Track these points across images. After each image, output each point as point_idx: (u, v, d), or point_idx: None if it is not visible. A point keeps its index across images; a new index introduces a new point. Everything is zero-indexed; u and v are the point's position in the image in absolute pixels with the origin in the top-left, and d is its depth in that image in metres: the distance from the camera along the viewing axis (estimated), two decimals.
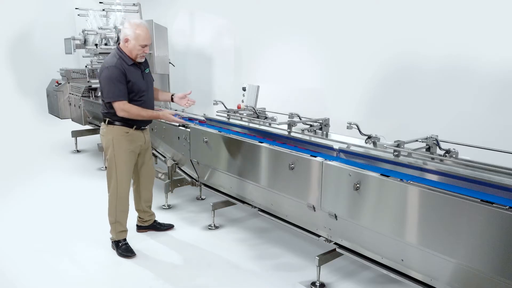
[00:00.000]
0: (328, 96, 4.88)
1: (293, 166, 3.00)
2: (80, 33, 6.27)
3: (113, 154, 3.38)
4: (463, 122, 3.60)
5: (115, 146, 3.36)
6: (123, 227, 3.52)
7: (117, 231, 3.49)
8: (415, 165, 2.50)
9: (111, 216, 3.48)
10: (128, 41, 3.23)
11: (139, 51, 3.27)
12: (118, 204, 3.45)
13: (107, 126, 3.37)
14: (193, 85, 7.16)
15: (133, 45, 3.23)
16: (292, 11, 5.15)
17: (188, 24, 7.14)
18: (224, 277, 3.19)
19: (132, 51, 3.26)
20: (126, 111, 3.23)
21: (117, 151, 3.37)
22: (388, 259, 2.62)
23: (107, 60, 3.27)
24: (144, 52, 3.30)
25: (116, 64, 3.20)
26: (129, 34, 3.22)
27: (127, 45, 3.25)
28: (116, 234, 3.50)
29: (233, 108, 4.20)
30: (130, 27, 3.24)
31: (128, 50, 3.27)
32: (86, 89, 6.62)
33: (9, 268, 3.33)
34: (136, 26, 3.23)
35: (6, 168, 6.19)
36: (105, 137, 3.41)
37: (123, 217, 3.51)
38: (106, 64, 3.23)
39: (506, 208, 1.97)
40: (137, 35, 3.21)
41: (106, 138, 3.39)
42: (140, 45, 3.24)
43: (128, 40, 3.23)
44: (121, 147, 3.38)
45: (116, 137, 3.36)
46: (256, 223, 4.14)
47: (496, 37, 3.38)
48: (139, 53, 3.28)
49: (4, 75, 8.61)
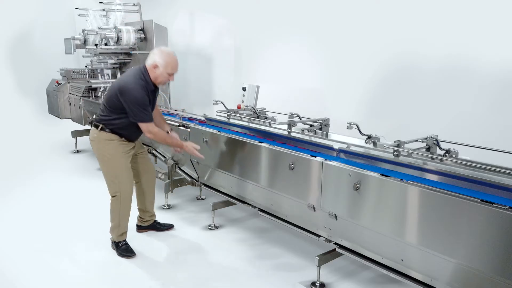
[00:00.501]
0: (328, 96, 4.88)
1: (293, 166, 3.00)
2: (80, 33, 6.27)
3: (109, 158, 3.37)
4: (463, 122, 3.60)
5: (110, 151, 3.36)
6: (124, 229, 3.52)
7: (118, 234, 3.49)
8: (415, 165, 2.50)
9: (113, 221, 3.48)
10: (157, 67, 3.28)
11: (165, 78, 3.34)
12: (122, 208, 3.45)
13: (99, 131, 3.36)
14: (193, 85, 7.17)
15: (161, 72, 3.29)
16: (292, 11, 5.15)
17: (188, 24, 7.13)
18: (224, 277, 3.18)
19: (158, 77, 3.32)
20: (153, 134, 3.31)
21: (113, 155, 3.37)
22: (388, 259, 2.62)
23: (131, 80, 3.24)
24: (169, 79, 3.39)
25: (142, 86, 3.24)
26: (159, 61, 3.27)
27: (155, 71, 3.30)
28: (117, 237, 3.50)
29: (233, 108, 4.20)
30: (161, 54, 3.29)
31: (154, 75, 3.31)
32: (86, 89, 6.62)
33: (9, 268, 3.33)
34: (167, 54, 3.30)
35: (6, 168, 6.19)
36: (96, 142, 3.40)
37: (125, 220, 3.51)
38: (131, 84, 3.21)
39: (506, 208, 1.97)
40: (167, 63, 3.28)
41: (98, 144, 3.39)
42: (168, 73, 3.32)
43: (157, 66, 3.28)
44: (117, 150, 3.38)
45: (110, 141, 3.36)
46: (256, 223, 4.14)
47: (496, 37, 3.38)
48: (165, 80, 3.36)
49: (4, 75, 8.62)
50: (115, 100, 3.27)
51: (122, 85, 3.24)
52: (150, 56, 3.34)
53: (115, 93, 3.25)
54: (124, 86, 3.23)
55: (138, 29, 5.90)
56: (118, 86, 3.26)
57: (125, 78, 3.31)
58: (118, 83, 3.33)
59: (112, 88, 3.34)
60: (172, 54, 3.34)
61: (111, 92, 3.32)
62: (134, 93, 3.18)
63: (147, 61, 3.33)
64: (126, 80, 3.27)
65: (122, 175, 3.40)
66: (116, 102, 3.26)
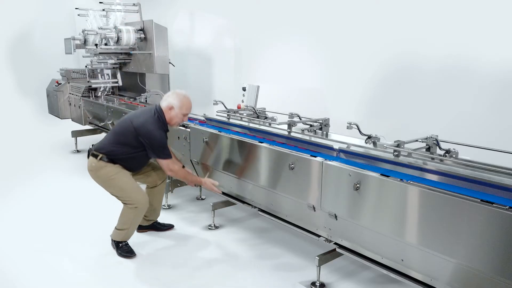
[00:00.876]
0: (328, 96, 4.88)
1: (293, 166, 3.00)
2: (80, 33, 6.27)
3: (114, 176, 3.37)
4: (463, 122, 3.60)
5: (112, 170, 3.37)
6: (131, 235, 3.53)
7: (122, 236, 3.48)
8: (415, 165, 2.50)
9: (123, 226, 3.45)
10: (172, 108, 3.40)
11: (180, 119, 3.46)
12: (136, 218, 3.45)
13: (98, 161, 3.37)
14: (193, 85, 7.17)
15: (176, 113, 3.41)
16: (292, 11, 5.16)
17: (188, 24, 7.14)
18: (224, 277, 3.18)
19: (173, 118, 3.43)
20: (174, 172, 3.43)
21: (117, 172, 3.38)
22: (388, 259, 2.62)
23: (150, 120, 3.33)
24: (184, 120, 3.52)
25: (160, 126, 3.37)
26: (174, 103, 3.40)
27: (170, 112, 3.41)
28: (122, 238, 3.49)
29: (233, 108, 4.20)
30: (176, 96, 3.42)
31: (169, 116, 3.42)
32: (86, 89, 6.62)
33: (9, 268, 3.33)
34: (182, 96, 3.44)
35: (6, 168, 6.19)
36: (95, 171, 3.40)
37: (134, 228, 3.53)
38: (152, 125, 3.32)
39: (506, 208, 1.97)
40: (182, 103, 3.41)
41: (98, 171, 3.39)
42: (183, 113, 3.44)
43: (172, 108, 3.40)
44: (119, 169, 3.41)
45: (111, 164, 3.38)
46: (256, 223, 4.14)
47: (496, 37, 3.38)
48: (179, 121, 3.48)
49: (4, 75, 8.62)
50: (130, 137, 3.35)
51: (141, 125, 3.32)
52: (165, 98, 3.46)
53: (131, 131, 3.34)
54: (144, 126, 3.32)
55: (138, 29, 5.90)
56: (138, 125, 3.33)
57: (142, 118, 3.37)
58: (135, 121, 3.37)
59: (126, 124, 3.41)
60: (187, 96, 3.48)
61: (124, 128, 3.40)
62: (156, 134, 3.31)
63: (162, 103, 3.44)
64: (145, 120, 3.35)
65: (133, 187, 3.41)
66: (131, 139, 3.35)
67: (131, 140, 3.36)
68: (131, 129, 3.34)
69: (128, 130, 3.36)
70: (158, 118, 3.38)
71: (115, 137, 3.43)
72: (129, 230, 3.48)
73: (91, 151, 3.47)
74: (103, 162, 3.37)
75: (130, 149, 3.38)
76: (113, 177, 3.37)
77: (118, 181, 3.38)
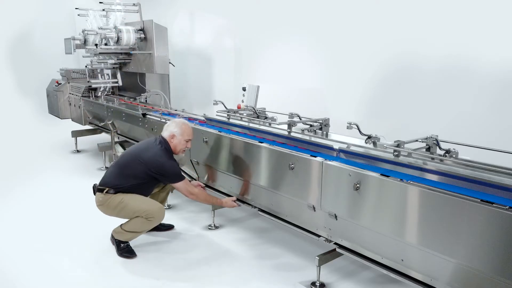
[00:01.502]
0: (328, 96, 4.88)
1: (293, 166, 3.00)
2: (80, 33, 6.27)
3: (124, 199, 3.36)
4: (463, 122, 3.60)
5: (120, 196, 3.37)
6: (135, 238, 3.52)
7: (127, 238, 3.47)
8: (415, 165, 2.50)
9: (132, 229, 3.42)
10: (174, 137, 3.50)
11: (183, 145, 3.54)
12: (147, 227, 3.44)
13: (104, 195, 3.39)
14: (193, 85, 7.17)
15: (178, 140, 3.51)
16: (292, 11, 5.15)
17: (188, 24, 7.14)
18: (224, 277, 3.18)
19: (177, 146, 3.52)
20: (195, 195, 3.50)
21: (126, 194, 3.39)
22: (388, 259, 2.62)
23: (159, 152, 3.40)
24: (187, 147, 3.58)
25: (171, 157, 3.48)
26: (175, 130, 3.51)
27: (173, 141, 3.51)
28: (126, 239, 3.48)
29: (233, 108, 4.20)
30: (176, 124, 3.54)
31: (173, 145, 3.51)
32: (86, 89, 6.62)
33: (9, 268, 3.33)
34: (181, 123, 3.57)
35: (6, 168, 6.19)
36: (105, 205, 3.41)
37: (141, 233, 3.52)
38: (162, 158, 3.38)
39: (506, 208, 1.97)
40: (183, 130, 3.52)
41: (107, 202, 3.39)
42: (185, 139, 3.53)
43: (174, 136, 3.50)
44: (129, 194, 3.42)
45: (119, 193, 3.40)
46: (256, 223, 4.14)
47: (496, 37, 3.38)
48: (183, 147, 3.55)
49: (4, 75, 8.62)
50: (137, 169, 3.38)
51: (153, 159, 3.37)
52: (165, 128, 3.58)
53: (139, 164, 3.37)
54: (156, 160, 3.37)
55: (138, 29, 5.90)
56: (148, 160, 3.37)
57: (151, 152, 3.41)
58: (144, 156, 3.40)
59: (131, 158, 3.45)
60: (186, 122, 3.61)
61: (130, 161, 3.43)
62: (169, 165, 3.40)
63: (164, 133, 3.55)
64: (155, 153, 3.40)
65: (145, 203, 3.39)
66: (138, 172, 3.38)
67: (138, 173, 3.39)
68: (139, 163, 3.38)
69: (135, 163, 3.40)
70: (165, 149, 3.45)
71: (120, 170, 3.45)
72: (136, 234, 3.48)
73: (96, 186, 3.48)
74: (109, 194, 3.38)
75: (137, 180, 3.40)
76: (122, 201, 3.36)
77: (128, 204, 3.36)
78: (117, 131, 5.83)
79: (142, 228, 3.43)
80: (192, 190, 3.48)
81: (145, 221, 3.37)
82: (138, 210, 3.35)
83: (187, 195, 3.49)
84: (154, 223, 3.43)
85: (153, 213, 3.36)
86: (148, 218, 3.36)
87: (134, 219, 3.38)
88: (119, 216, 3.43)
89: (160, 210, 3.43)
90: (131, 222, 3.41)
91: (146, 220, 3.37)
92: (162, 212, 3.45)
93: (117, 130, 5.83)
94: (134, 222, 3.39)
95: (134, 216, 3.38)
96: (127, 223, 3.43)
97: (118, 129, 5.82)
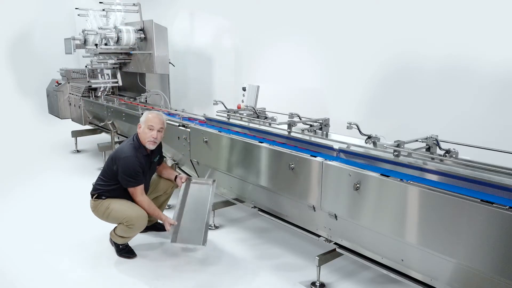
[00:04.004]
0: (328, 96, 4.88)
1: (293, 166, 3.00)
2: (80, 33, 6.27)
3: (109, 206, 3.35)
4: (463, 122, 3.60)
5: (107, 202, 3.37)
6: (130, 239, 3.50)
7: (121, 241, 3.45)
8: (415, 165, 2.50)
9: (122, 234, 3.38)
10: (140, 127, 3.43)
11: (148, 135, 3.37)
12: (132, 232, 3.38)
13: (94, 200, 3.42)
14: (193, 85, 7.17)
15: (142, 129, 3.40)
16: (292, 11, 5.15)
17: (188, 24, 7.14)
18: (224, 277, 3.18)
19: (142, 136, 3.40)
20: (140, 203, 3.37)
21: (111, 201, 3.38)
22: (388, 259, 2.62)
23: (125, 148, 3.36)
24: (152, 137, 3.38)
25: (137, 153, 3.34)
26: (141, 120, 3.42)
27: (140, 131, 3.42)
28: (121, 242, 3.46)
29: (233, 108, 4.20)
30: (144, 114, 3.45)
31: (141, 137, 3.42)
32: (86, 89, 6.63)
33: (9, 268, 3.33)
34: (147, 112, 3.46)
35: (6, 168, 6.19)
36: (97, 210, 3.41)
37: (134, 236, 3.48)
38: (123, 153, 3.31)
39: (506, 208, 1.97)
40: (147, 118, 3.40)
41: (98, 208, 3.39)
42: (148, 127, 3.37)
43: (140, 126, 3.43)
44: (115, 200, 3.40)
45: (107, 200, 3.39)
46: (256, 223, 4.14)
47: (496, 37, 3.38)
48: (148, 137, 3.38)
49: (4, 75, 8.62)
50: (110, 168, 3.36)
51: (115, 154, 3.38)
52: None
53: (111, 162, 3.37)
54: (117, 154, 3.35)
55: (138, 29, 5.90)
56: (113, 155, 3.39)
57: (119, 147, 3.42)
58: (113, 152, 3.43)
59: (109, 158, 3.46)
60: (155, 112, 3.48)
61: (108, 162, 3.43)
62: (125, 161, 3.27)
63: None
64: (120, 147, 3.41)
65: (127, 210, 3.32)
66: (110, 171, 3.37)
67: (114, 173, 3.35)
68: (111, 161, 3.38)
69: (110, 163, 3.40)
70: (134, 144, 3.37)
71: (102, 172, 3.47)
72: (127, 239, 3.45)
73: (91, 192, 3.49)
74: (99, 199, 3.39)
75: (116, 183, 3.37)
76: (108, 207, 3.35)
77: (113, 210, 3.33)
78: (117, 131, 5.83)
79: (127, 234, 3.38)
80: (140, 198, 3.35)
81: (126, 228, 3.31)
82: (120, 217, 3.31)
83: (134, 198, 3.38)
84: (136, 230, 3.35)
85: (132, 220, 3.28)
86: (128, 225, 3.30)
87: (119, 225, 3.37)
88: (108, 221, 3.42)
89: (140, 218, 3.31)
90: (117, 227, 3.40)
91: (127, 227, 3.31)
92: (142, 219, 3.33)
93: (117, 130, 5.83)
94: (119, 228, 3.37)
95: (118, 222, 3.36)
96: (116, 227, 3.43)
97: (118, 129, 5.82)
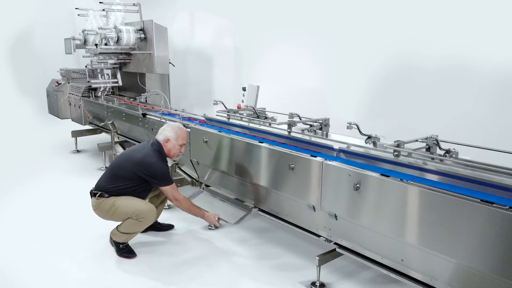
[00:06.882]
0: (328, 96, 4.88)
1: (293, 166, 3.00)
2: (80, 33, 6.27)
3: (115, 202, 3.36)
4: (463, 122, 3.60)
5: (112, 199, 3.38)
6: (132, 238, 3.51)
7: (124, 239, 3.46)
8: (415, 165, 2.50)
9: (127, 230, 3.41)
10: (169, 141, 3.51)
11: (177, 150, 3.55)
12: (141, 226, 3.41)
13: (97, 199, 3.42)
14: (193, 85, 7.17)
15: (173, 145, 3.51)
16: (292, 11, 5.15)
17: (188, 24, 7.14)
18: (224, 277, 3.18)
19: (171, 150, 3.53)
20: (179, 201, 3.50)
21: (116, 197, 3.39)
22: (388, 259, 2.62)
23: (151, 154, 3.42)
24: (181, 151, 3.58)
25: (162, 159, 3.49)
26: (170, 135, 3.51)
27: (167, 145, 3.52)
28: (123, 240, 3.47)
29: (233, 108, 4.20)
30: (171, 128, 3.54)
31: (167, 149, 3.52)
32: (86, 89, 6.63)
33: (9, 268, 3.33)
34: (177, 128, 3.56)
35: (6, 168, 6.19)
36: (100, 208, 3.41)
37: (137, 233, 3.51)
38: (152, 158, 3.39)
39: (506, 208, 1.97)
40: (177, 135, 3.52)
41: (101, 206, 3.40)
42: (179, 144, 3.54)
43: (169, 140, 3.51)
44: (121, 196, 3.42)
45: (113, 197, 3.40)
46: (256, 223, 4.14)
47: (496, 37, 3.38)
48: (177, 152, 3.56)
49: (4, 75, 8.62)
50: (129, 171, 3.38)
51: (142, 159, 3.39)
52: (160, 132, 3.57)
53: (130, 165, 3.39)
54: (146, 160, 3.39)
55: (138, 29, 5.90)
56: (139, 160, 3.39)
57: (142, 153, 3.44)
58: (136, 156, 3.44)
59: (123, 159, 3.50)
60: (181, 127, 3.61)
61: (123, 162, 3.47)
62: (158, 165, 3.39)
63: (158, 136, 3.55)
64: (145, 153, 3.42)
65: (135, 204, 3.36)
66: (130, 173, 3.38)
67: (129, 174, 3.39)
68: (131, 164, 3.39)
69: (126, 164, 3.42)
70: (157, 151, 3.46)
71: (112, 172, 3.48)
72: (131, 236, 3.47)
73: (92, 191, 3.49)
74: (102, 198, 3.39)
75: (128, 183, 3.39)
76: (114, 204, 3.35)
77: (120, 206, 3.35)
78: (117, 131, 5.83)
79: (134, 229, 3.41)
80: (177, 196, 3.48)
81: (136, 222, 3.35)
82: (129, 212, 3.34)
83: (171, 199, 3.51)
84: (145, 223, 3.41)
85: (143, 213, 3.34)
86: (139, 219, 3.34)
87: (126, 220, 3.37)
88: (113, 219, 3.43)
89: (150, 210, 3.41)
90: (124, 223, 3.40)
91: (137, 221, 3.35)
92: (152, 213, 3.43)
93: (117, 130, 5.83)
94: (127, 224, 3.38)
95: (125, 218, 3.37)
96: (121, 224, 3.43)
97: (118, 129, 5.82)
